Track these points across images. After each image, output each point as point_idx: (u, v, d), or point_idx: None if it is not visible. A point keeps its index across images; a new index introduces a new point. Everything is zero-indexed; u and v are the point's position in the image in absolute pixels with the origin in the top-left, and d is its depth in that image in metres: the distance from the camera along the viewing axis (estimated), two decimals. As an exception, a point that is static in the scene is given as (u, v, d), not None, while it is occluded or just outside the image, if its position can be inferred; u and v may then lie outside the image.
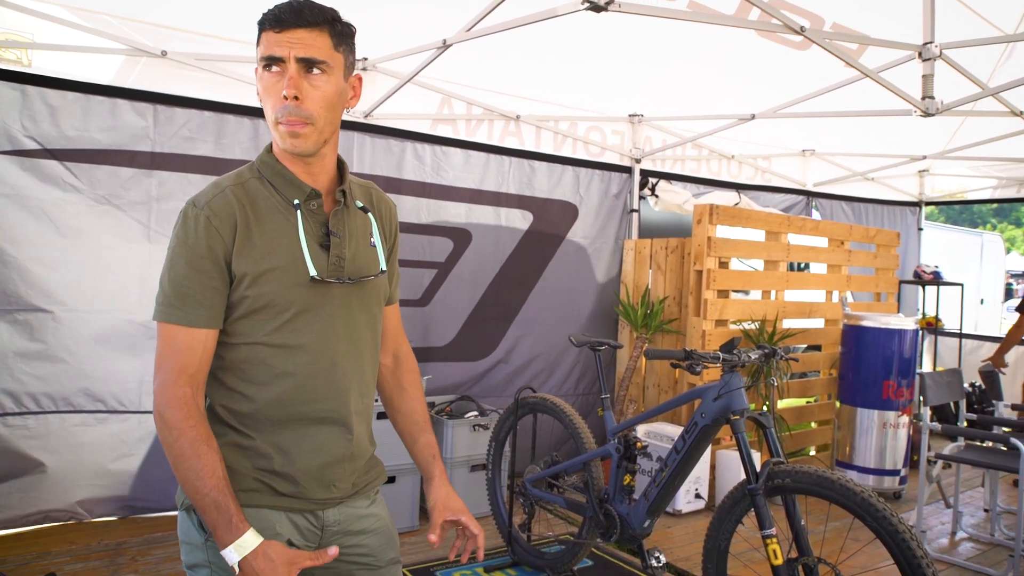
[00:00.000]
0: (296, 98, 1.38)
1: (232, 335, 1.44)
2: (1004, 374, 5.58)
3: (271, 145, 1.50)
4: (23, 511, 3.67)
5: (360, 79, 1.55)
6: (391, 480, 3.99)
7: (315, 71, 1.40)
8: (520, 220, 5.14)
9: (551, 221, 5.27)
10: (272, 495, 1.46)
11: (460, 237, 4.91)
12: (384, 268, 1.59)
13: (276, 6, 1.40)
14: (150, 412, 3.89)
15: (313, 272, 1.43)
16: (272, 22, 1.38)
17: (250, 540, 1.32)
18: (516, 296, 5.18)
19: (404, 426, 1.77)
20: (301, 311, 1.45)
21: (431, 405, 4.58)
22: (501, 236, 5.07)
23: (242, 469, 1.44)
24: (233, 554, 1.30)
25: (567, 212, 5.35)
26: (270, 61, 1.39)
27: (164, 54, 3.75)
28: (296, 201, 1.46)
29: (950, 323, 8.03)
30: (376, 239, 1.60)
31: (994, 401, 4.95)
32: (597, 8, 2.82)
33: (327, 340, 1.48)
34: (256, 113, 4.05)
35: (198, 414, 1.38)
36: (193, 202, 1.42)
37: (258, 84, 1.43)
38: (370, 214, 1.60)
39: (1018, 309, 5.93)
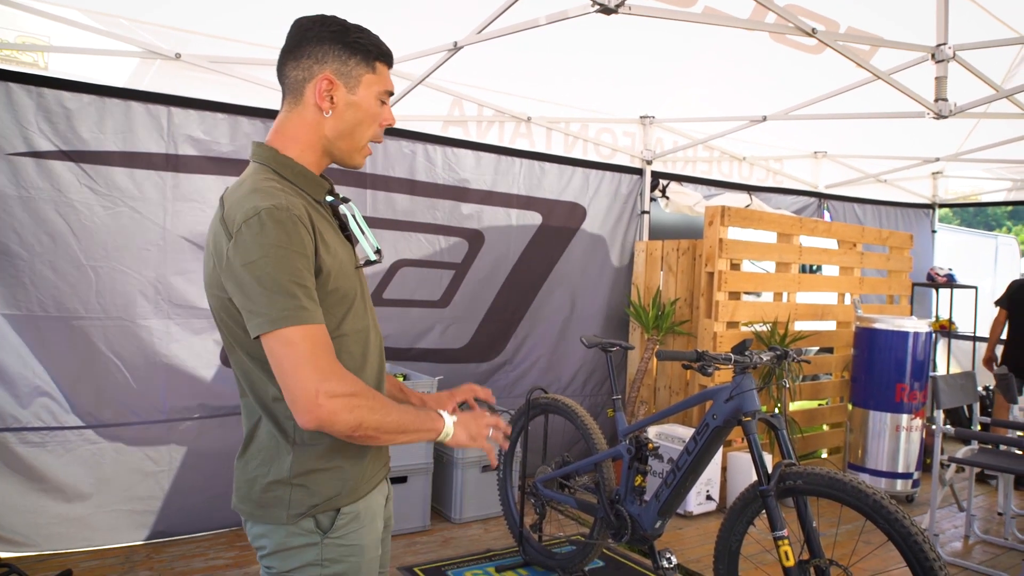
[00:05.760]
0: None
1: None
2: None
3: (272, 147, 1.52)
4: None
5: None
6: (403, 480, 4.01)
7: None
8: (529, 221, 5.15)
9: (559, 222, 5.28)
10: (370, 480, 1.59)
11: (474, 238, 4.93)
12: (378, 246, 1.67)
13: (379, 41, 1.55)
14: (175, 420, 3.85)
15: (373, 256, 1.61)
16: (388, 58, 1.57)
17: (450, 418, 1.59)
18: (526, 297, 5.19)
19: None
20: (356, 297, 1.55)
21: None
22: (512, 237, 5.08)
23: (356, 472, 1.54)
24: (449, 420, 1.58)
25: (575, 213, 5.36)
26: (390, 95, 1.58)
27: (178, 56, 3.77)
28: (328, 198, 1.57)
29: (964, 326, 7.98)
30: (362, 225, 1.66)
31: (1010, 404, 4.91)
32: (607, 10, 2.82)
33: (372, 320, 1.63)
34: (268, 115, 4.06)
35: None
36: (275, 205, 1.37)
37: (356, 108, 1.53)
38: (351, 203, 1.66)
39: (997, 303, 6.03)
